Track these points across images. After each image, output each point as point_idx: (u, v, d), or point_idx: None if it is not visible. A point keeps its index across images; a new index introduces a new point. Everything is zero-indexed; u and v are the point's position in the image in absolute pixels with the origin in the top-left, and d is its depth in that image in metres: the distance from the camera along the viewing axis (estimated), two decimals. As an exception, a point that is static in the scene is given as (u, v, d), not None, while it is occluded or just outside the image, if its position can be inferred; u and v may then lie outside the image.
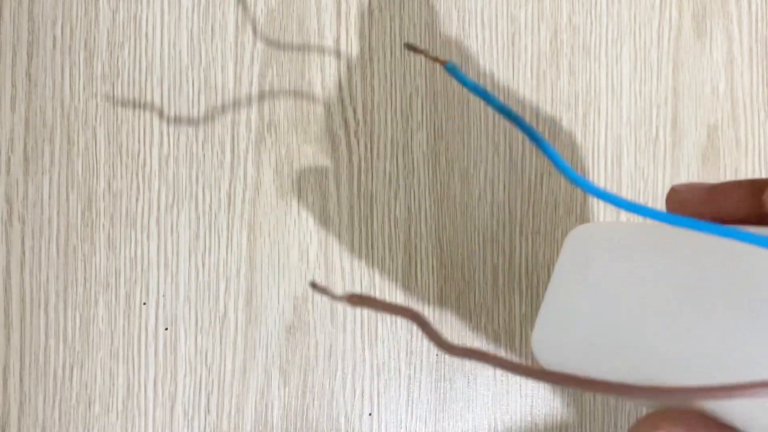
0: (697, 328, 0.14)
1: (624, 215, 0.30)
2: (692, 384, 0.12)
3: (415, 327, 0.29)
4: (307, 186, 0.29)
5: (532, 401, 0.30)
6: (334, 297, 0.17)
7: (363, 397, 0.29)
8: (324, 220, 0.29)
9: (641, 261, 0.17)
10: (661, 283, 0.16)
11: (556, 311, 0.20)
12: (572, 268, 0.20)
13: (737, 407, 0.13)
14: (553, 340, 0.20)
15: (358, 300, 0.17)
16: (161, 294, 0.28)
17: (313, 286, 0.17)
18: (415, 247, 0.30)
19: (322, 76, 0.29)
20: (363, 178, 0.29)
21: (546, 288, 0.27)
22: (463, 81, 0.17)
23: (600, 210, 0.31)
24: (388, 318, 0.29)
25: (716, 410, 0.14)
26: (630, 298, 0.17)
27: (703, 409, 0.14)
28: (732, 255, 0.14)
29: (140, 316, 0.28)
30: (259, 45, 0.29)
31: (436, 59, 0.18)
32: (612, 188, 0.31)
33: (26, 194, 0.27)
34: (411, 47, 0.18)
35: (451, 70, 0.17)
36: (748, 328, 0.13)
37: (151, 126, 0.28)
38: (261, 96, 0.29)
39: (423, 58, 0.23)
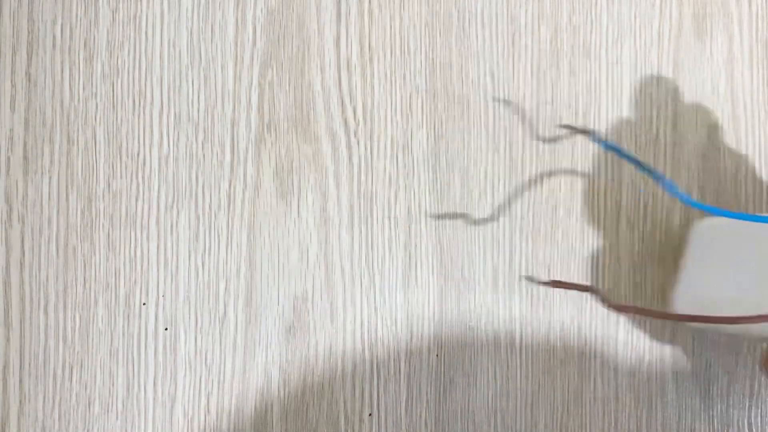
0: (757, 288, 0.25)
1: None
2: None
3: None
4: (307, 186, 0.29)
5: (532, 401, 0.30)
6: (545, 284, 0.28)
7: (363, 397, 0.29)
8: (324, 220, 0.29)
9: (737, 244, 0.27)
10: (744, 259, 0.26)
11: (689, 277, 0.29)
12: (698, 249, 0.29)
13: None
14: (687, 297, 0.29)
15: (554, 284, 0.28)
16: (161, 294, 0.28)
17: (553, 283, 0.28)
18: (415, 247, 0.30)
19: (322, 76, 0.29)
20: (363, 178, 0.29)
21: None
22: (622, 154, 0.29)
23: (600, 208, 0.31)
24: (387, 318, 0.29)
25: None
26: (729, 269, 0.27)
27: None
28: None
29: (140, 316, 0.28)
30: (259, 45, 0.29)
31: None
32: (612, 188, 0.31)
33: (26, 194, 0.27)
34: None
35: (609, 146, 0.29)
36: None
37: (151, 126, 0.28)
38: (261, 96, 0.29)
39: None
